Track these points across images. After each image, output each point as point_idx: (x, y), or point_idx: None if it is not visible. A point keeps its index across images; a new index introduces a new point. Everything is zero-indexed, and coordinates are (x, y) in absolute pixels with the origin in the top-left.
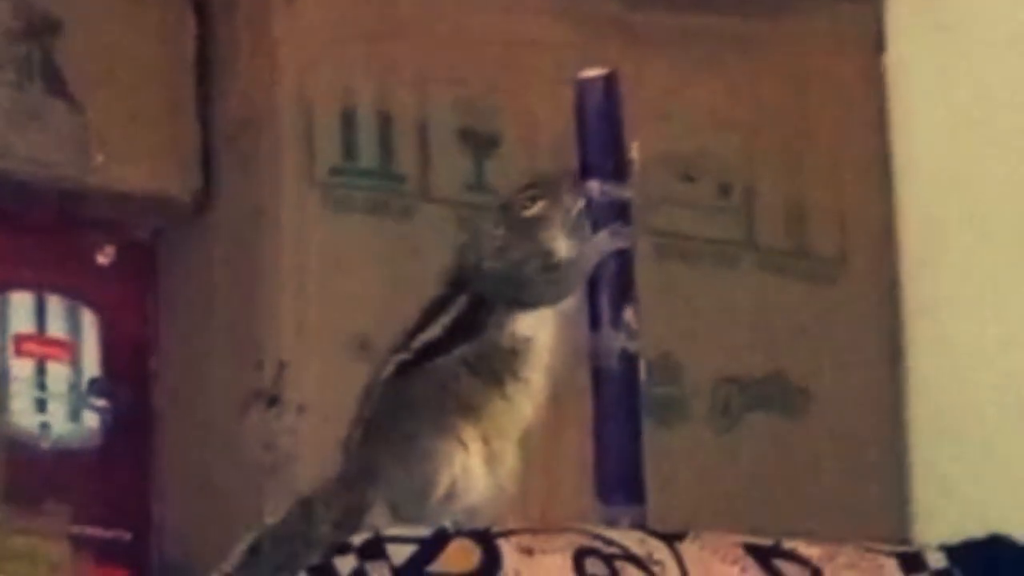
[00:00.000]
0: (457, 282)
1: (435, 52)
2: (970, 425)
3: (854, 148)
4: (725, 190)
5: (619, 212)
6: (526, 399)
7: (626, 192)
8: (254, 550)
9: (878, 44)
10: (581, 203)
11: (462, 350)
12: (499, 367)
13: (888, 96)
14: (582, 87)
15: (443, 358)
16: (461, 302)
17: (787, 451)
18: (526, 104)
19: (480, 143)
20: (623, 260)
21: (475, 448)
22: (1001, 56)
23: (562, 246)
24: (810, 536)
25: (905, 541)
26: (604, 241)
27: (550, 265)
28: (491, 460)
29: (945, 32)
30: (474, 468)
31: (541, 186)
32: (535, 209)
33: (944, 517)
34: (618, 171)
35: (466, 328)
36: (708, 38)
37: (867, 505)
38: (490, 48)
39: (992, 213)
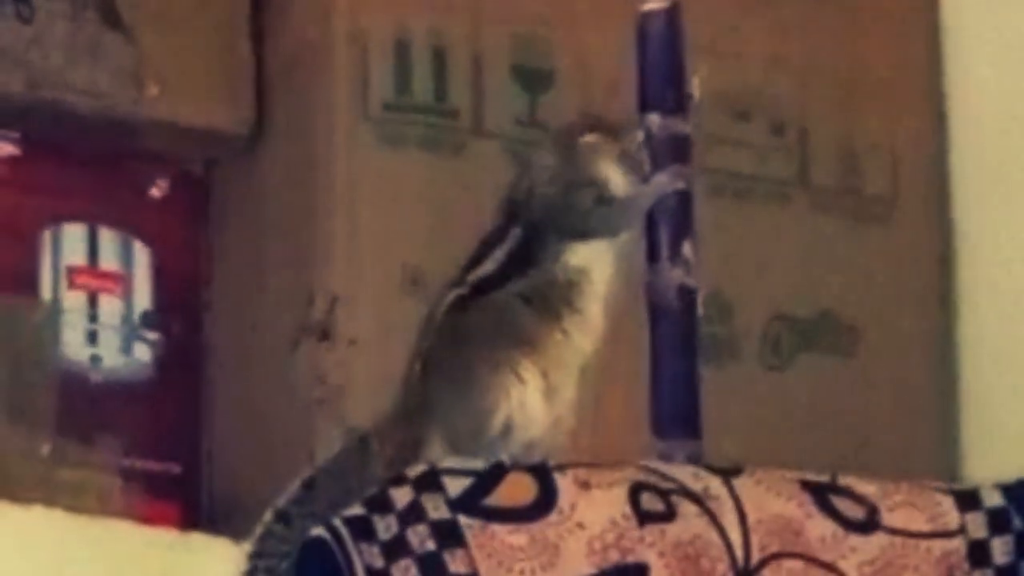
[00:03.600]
0: (510, 214)
1: None
2: (1020, 364)
3: (908, 87)
4: (778, 129)
5: (678, 146)
6: (584, 332)
7: (685, 126)
8: (309, 486)
9: None
10: (639, 140)
11: (517, 284)
12: (555, 300)
13: (942, 35)
14: (644, 19)
15: (499, 292)
16: (515, 235)
17: (837, 390)
18: (580, 40)
19: (534, 79)
20: (683, 196)
21: (533, 382)
22: None
23: (617, 180)
24: (859, 474)
25: (955, 480)
26: (664, 181)
27: (603, 197)
28: (549, 394)
29: None
30: (531, 402)
31: (596, 125)
32: (587, 139)
33: (994, 456)
34: (678, 105)
35: (520, 261)
36: None
37: (917, 444)
38: None
39: None
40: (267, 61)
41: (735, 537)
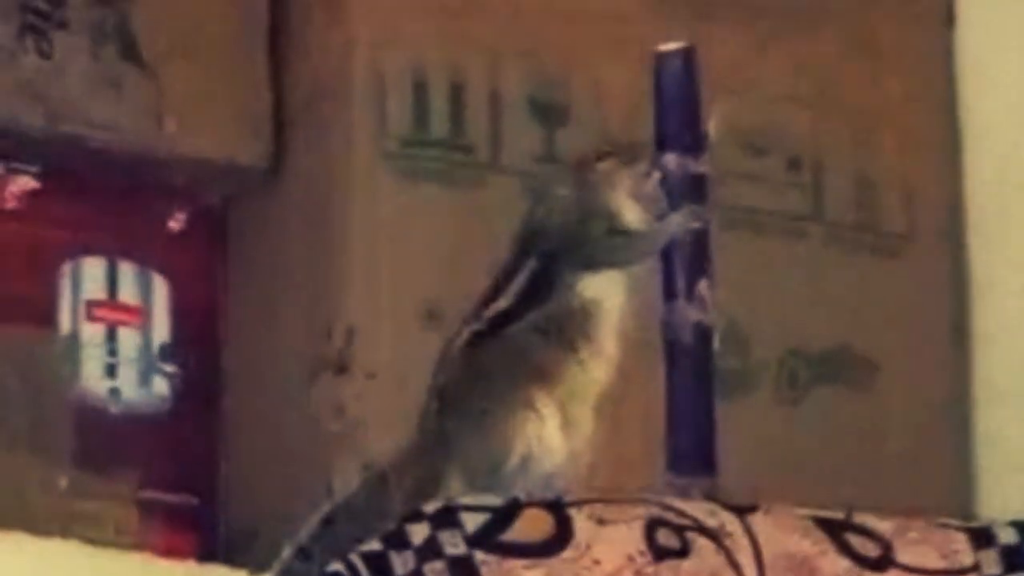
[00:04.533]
0: (525, 244)
1: (507, 24)
2: None
3: (923, 123)
4: (794, 164)
5: (695, 186)
6: (599, 363)
7: (702, 166)
8: (328, 522)
9: (948, 17)
10: (656, 175)
11: (533, 316)
12: (570, 330)
13: (957, 70)
14: (660, 60)
15: (515, 326)
16: (529, 266)
17: (853, 424)
18: (597, 76)
19: (550, 114)
20: (699, 234)
21: (550, 415)
22: None
23: (630, 211)
24: (876, 509)
25: (970, 514)
26: (679, 220)
27: (616, 228)
28: (567, 426)
29: (1015, 6)
30: (549, 435)
31: (610, 149)
32: (602, 167)
33: (1010, 490)
34: (694, 145)
35: (535, 293)
36: (777, 12)
37: (933, 479)
38: (561, 20)
39: None
40: (286, 96)
41: (750, 574)
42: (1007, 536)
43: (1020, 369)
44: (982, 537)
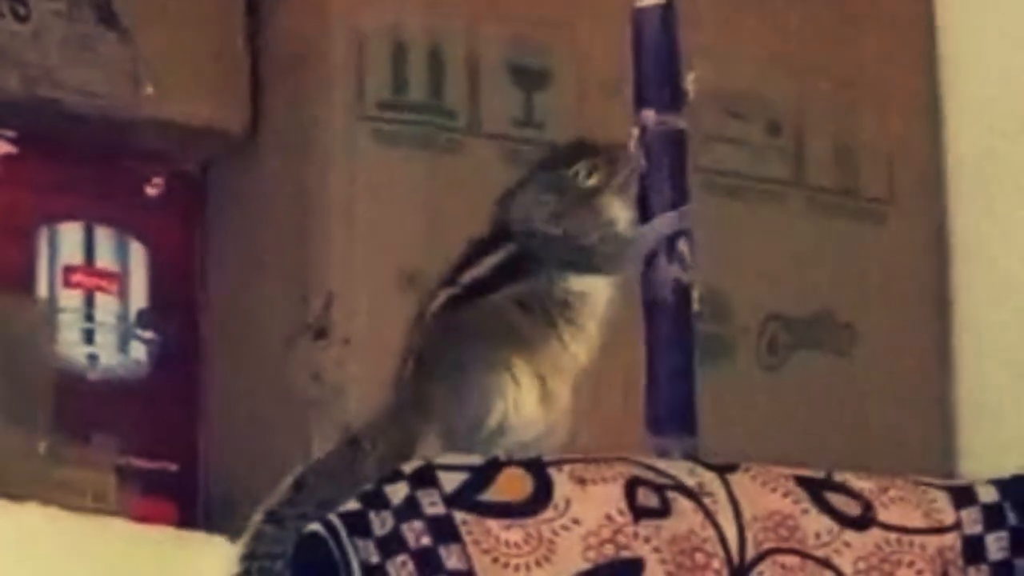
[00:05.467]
0: (505, 231)
1: None
2: (1017, 363)
3: (904, 87)
4: (774, 129)
5: (674, 141)
6: (580, 343)
7: (681, 122)
8: (299, 485)
9: None
10: (635, 166)
11: (513, 289)
12: (553, 312)
13: (938, 36)
14: (640, 16)
15: (494, 296)
16: (509, 248)
17: (834, 389)
18: (577, 39)
19: (530, 78)
20: (679, 193)
21: (528, 384)
22: None
23: (620, 213)
24: (857, 472)
25: (951, 478)
26: (663, 224)
27: (608, 237)
28: (545, 398)
29: None
30: (527, 404)
31: (593, 154)
32: (594, 180)
33: (990, 454)
34: (673, 101)
35: (514, 271)
36: None
37: (913, 443)
38: None
39: None
40: (263, 60)
41: (731, 533)
42: (988, 494)
43: (1000, 332)
44: (963, 495)
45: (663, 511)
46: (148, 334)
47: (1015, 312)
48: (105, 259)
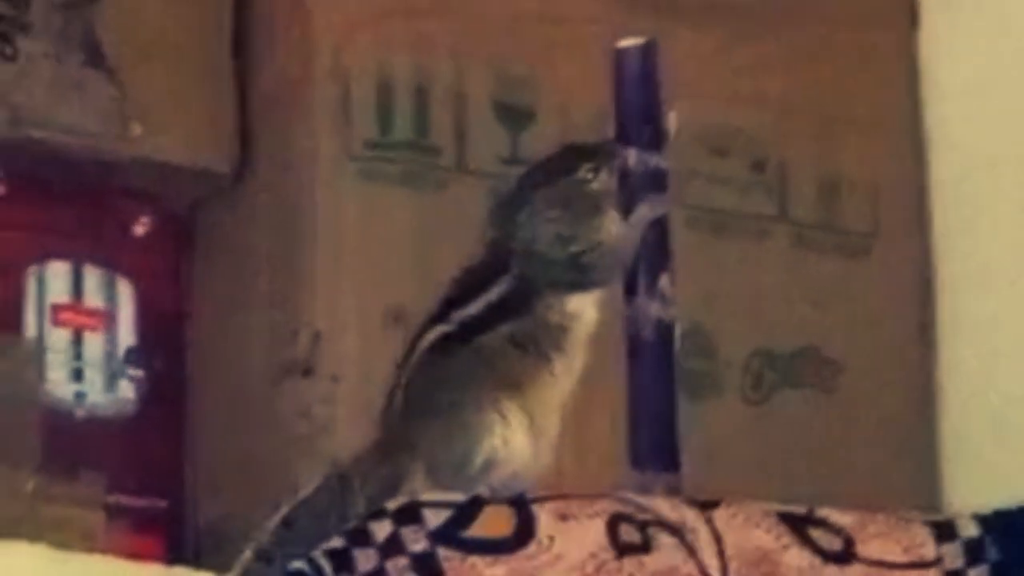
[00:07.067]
0: (500, 259)
1: (471, 25)
2: (1000, 398)
3: (887, 123)
4: (758, 165)
5: (655, 180)
6: (569, 372)
7: (662, 161)
8: (288, 523)
9: (912, 18)
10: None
11: (507, 327)
12: (546, 345)
13: (921, 70)
14: (620, 56)
15: (488, 335)
16: (506, 281)
17: (819, 425)
18: (561, 77)
19: (515, 116)
20: (659, 228)
21: (516, 422)
22: None
23: (613, 223)
24: (840, 507)
25: (936, 513)
26: (644, 213)
27: (604, 247)
28: (534, 433)
29: (979, 7)
30: (515, 440)
31: (590, 155)
32: (598, 183)
33: (974, 490)
34: (654, 140)
35: (510, 307)
36: (741, 12)
37: (898, 478)
38: (526, 21)
39: None
40: (250, 99)
41: (713, 569)
42: (969, 529)
43: (984, 367)
44: (945, 530)
45: (646, 547)
46: (136, 372)
47: (999, 346)
48: (93, 297)
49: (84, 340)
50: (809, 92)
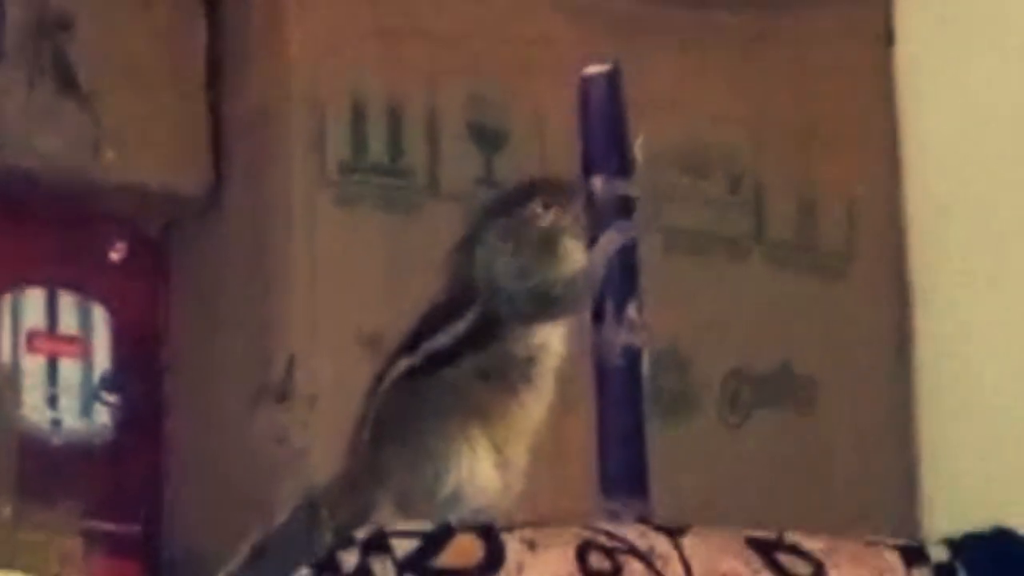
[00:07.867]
0: (465, 293)
1: (445, 48)
2: (979, 418)
3: (863, 142)
4: (734, 185)
5: (623, 208)
6: (538, 403)
7: (630, 188)
8: (258, 552)
9: (887, 37)
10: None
11: (475, 359)
12: (514, 376)
13: (897, 90)
14: (585, 83)
15: (455, 368)
16: (473, 314)
17: (796, 445)
18: (535, 100)
19: (489, 138)
20: (626, 256)
21: (484, 453)
22: (1011, 49)
23: (577, 253)
24: (820, 530)
25: (914, 534)
26: (610, 240)
27: (569, 279)
28: (502, 464)
29: (954, 25)
30: (483, 472)
31: (545, 190)
32: (550, 219)
33: (953, 510)
34: (621, 167)
35: (477, 339)
36: (716, 32)
37: (877, 499)
38: (500, 44)
39: (1002, 207)
40: (224, 123)
41: None
42: (939, 554)
43: (962, 387)
44: (914, 555)
45: (615, 574)
46: (111, 398)
47: (977, 365)
48: (68, 324)
49: (59, 366)
50: (784, 111)
